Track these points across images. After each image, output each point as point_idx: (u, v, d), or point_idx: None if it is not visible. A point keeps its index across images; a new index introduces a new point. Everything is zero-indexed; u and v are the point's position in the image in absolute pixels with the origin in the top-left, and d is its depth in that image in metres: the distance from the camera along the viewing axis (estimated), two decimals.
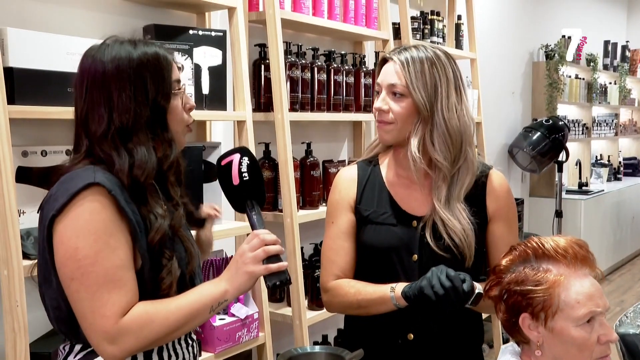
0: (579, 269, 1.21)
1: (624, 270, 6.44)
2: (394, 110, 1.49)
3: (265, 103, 2.49)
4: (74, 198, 1.13)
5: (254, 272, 1.22)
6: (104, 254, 1.13)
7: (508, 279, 1.26)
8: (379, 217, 1.53)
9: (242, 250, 1.24)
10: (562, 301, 1.19)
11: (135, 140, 1.20)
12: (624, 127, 7.55)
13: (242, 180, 1.29)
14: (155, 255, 1.20)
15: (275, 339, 2.48)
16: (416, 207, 1.53)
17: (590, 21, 6.90)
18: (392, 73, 1.49)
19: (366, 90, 2.85)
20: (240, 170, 1.29)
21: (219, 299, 1.22)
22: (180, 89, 1.27)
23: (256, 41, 2.51)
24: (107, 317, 1.12)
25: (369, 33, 2.92)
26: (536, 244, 1.25)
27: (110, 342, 1.13)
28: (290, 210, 2.37)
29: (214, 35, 2.15)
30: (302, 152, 2.60)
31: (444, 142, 1.47)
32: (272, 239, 1.24)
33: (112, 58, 1.20)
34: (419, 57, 1.48)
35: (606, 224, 6.09)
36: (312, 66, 2.58)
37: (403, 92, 1.48)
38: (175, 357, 1.28)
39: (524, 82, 5.49)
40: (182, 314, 1.18)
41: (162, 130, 1.23)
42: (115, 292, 1.13)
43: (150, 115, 1.21)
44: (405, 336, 1.51)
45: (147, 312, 1.16)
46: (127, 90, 1.19)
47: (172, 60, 1.27)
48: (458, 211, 1.48)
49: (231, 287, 1.22)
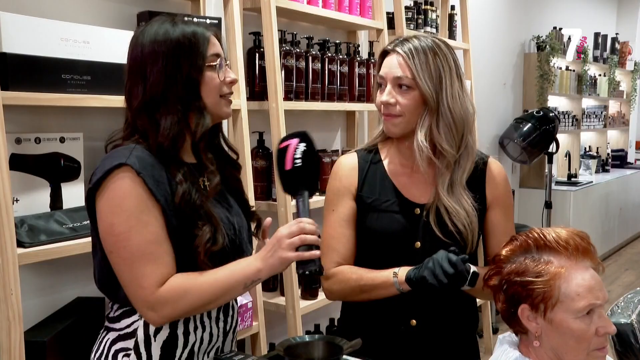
0: (580, 261, 1.21)
1: (611, 260, 6.50)
2: (402, 103, 1.49)
3: (259, 92, 2.47)
4: (108, 175, 1.21)
5: (287, 257, 1.25)
6: (137, 230, 1.20)
7: (508, 269, 1.26)
8: (382, 205, 1.53)
9: (280, 234, 1.26)
10: (563, 293, 1.19)
11: (163, 110, 1.26)
12: (613, 119, 7.60)
13: (295, 166, 1.29)
14: (188, 225, 1.24)
15: (269, 328, 2.48)
16: (419, 195, 1.54)
17: (581, 14, 6.93)
18: (397, 65, 1.48)
19: (360, 80, 2.84)
20: (294, 155, 1.29)
21: (252, 277, 1.27)
22: (218, 62, 1.31)
23: (251, 29, 2.49)
24: (145, 288, 1.21)
25: (363, 22, 2.91)
26: (538, 234, 1.25)
27: (150, 309, 1.23)
28: (284, 200, 2.36)
29: (208, 22, 2.12)
30: None
31: (449, 130, 1.49)
32: (312, 229, 1.26)
33: (150, 37, 1.27)
34: (422, 48, 1.48)
35: (594, 215, 6.14)
36: (307, 55, 2.57)
37: (410, 84, 1.48)
38: (202, 330, 1.33)
39: (515, 74, 5.50)
40: (217, 288, 1.25)
41: (195, 100, 1.28)
42: (149, 265, 1.21)
43: (183, 88, 1.27)
44: (408, 322, 1.52)
45: (182, 284, 1.23)
46: (159, 65, 1.25)
47: (212, 34, 1.32)
48: (462, 197, 1.50)
49: (264, 267, 1.26)
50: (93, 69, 1.72)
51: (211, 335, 1.36)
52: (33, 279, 1.84)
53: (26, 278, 1.77)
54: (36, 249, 1.63)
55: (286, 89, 2.47)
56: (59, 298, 1.90)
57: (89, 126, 1.92)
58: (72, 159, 1.79)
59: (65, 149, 1.78)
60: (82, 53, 1.70)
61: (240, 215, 1.42)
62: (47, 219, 1.69)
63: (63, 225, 1.70)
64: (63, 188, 1.78)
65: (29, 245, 1.61)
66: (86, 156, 1.86)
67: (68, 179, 1.79)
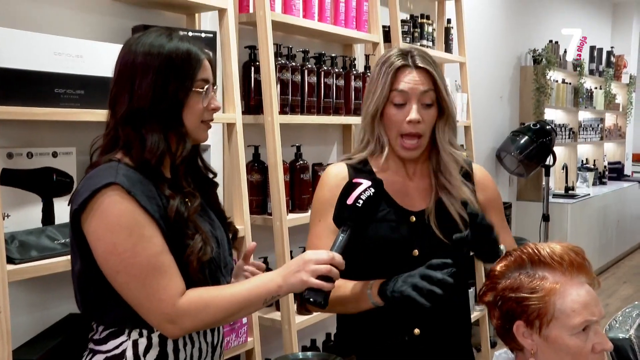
0: (575, 276, 1.20)
1: (609, 274, 6.48)
2: (425, 120, 1.50)
3: (255, 105, 2.46)
4: (95, 195, 1.19)
5: (308, 281, 1.25)
6: (142, 245, 1.19)
7: (503, 285, 1.25)
8: (378, 214, 1.51)
9: (308, 257, 1.27)
10: (558, 309, 1.18)
11: (148, 127, 1.25)
12: (609, 131, 7.61)
13: (355, 204, 1.33)
14: (178, 238, 1.24)
15: (264, 343, 2.45)
16: (413, 204, 1.54)
17: (576, 27, 6.95)
18: (421, 81, 1.49)
19: (356, 93, 2.83)
20: (360, 195, 1.33)
21: (273, 293, 1.27)
22: (205, 88, 1.30)
23: (246, 43, 2.49)
24: (164, 301, 1.20)
25: (359, 36, 2.91)
26: (532, 250, 1.24)
27: (170, 322, 1.22)
28: (280, 214, 2.35)
29: (204, 36, 2.12)
30: (292, 155, 2.58)
31: (455, 135, 1.56)
32: (340, 264, 1.28)
33: (144, 47, 1.26)
34: (433, 60, 1.52)
35: (592, 227, 6.13)
36: (303, 68, 2.56)
37: (433, 99, 1.49)
38: (191, 346, 1.32)
39: (511, 87, 5.51)
40: (237, 301, 1.25)
41: (177, 124, 1.28)
42: (164, 277, 1.21)
43: (167, 107, 1.25)
44: (411, 332, 1.50)
45: (203, 297, 1.23)
46: (148, 79, 1.24)
47: (205, 59, 1.31)
48: (461, 190, 1.52)
49: (285, 285, 1.26)
50: (86, 83, 1.71)
51: (200, 350, 1.35)
52: (23, 295, 1.82)
53: (16, 294, 1.75)
54: (26, 265, 1.61)
55: (282, 102, 2.46)
56: (49, 314, 1.87)
57: (81, 141, 1.90)
58: (64, 173, 1.78)
59: (57, 164, 1.77)
60: (76, 67, 1.69)
61: (221, 228, 1.42)
62: (38, 234, 1.67)
63: (55, 241, 1.69)
64: (55, 203, 1.76)
65: (19, 262, 1.59)
66: (79, 171, 1.85)
67: (60, 193, 1.78)
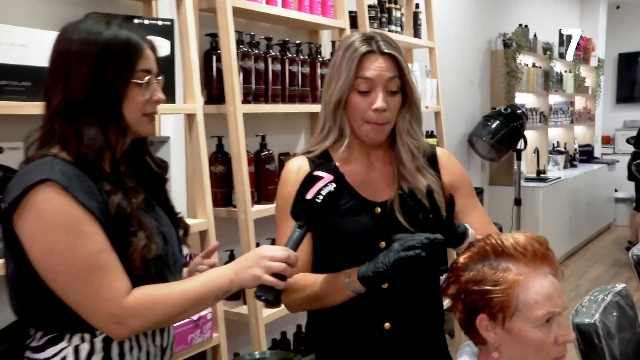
0: (539, 267, 1.17)
1: (579, 255, 6.56)
2: (391, 108, 1.45)
3: (217, 95, 2.40)
4: (27, 192, 1.12)
5: (260, 277, 1.20)
6: (82, 243, 1.13)
7: (466, 277, 1.22)
8: (341, 208, 1.46)
9: (262, 252, 1.23)
10: (521, 302, 1.15)
11: (85, 120, 1.18)
12: (579, 114, 7.67)
13: (314, 199, 1.28)
14: (121, 235, 1.18)
15: (232, 338, 2.41)
16: (377, 194, 1.49)
17: (545, 10, 6.98)
18: (386, 67, 1.44)
19: (323, 81, 2.77)
20: (320, 190, 1.28)
21: (225, 288, 1.22)
22: (146, 79, 1.23)
23: (207, 31, 2.42)
24: (109, 300, 1.14)
25: (325, 22, 2.85)
26: (495, 241, 1.21)
27: (117, 323, 1.15)
28: (245, 206, 2.30)
29: (160, 24, 2.05)
30: (257, 145, 2.52)
31: (418, 123, 1.51)
32: (294, 262, 1.24)
33: (79, 35, 1.19)
34: (397, 45, 1.47)
35: (563, 210, 6.19)
36: (266, 56, 2.50)
37: (398, 86, 1.45)
38: (138, 350, 1.26)
39: (482, 71, 5.50)
40: (187, 298, 1.20)
41: (116, 117, 1.21)
42: (107, 275, 1.14)
43: (104, 99, 1.19)
44: (381, 326, 1.47)
45: (151, 295, 1.18)
46: (83, 69, 1.17)
47: (147, 48, 1.24)
48: (425, 173, 1.49)
49: (237, 279, 1.22)
50: (33, 74, 1.63)
51: (148, 354, 1.29)
52: None
53: None
54: None
55: (245, 91, 2.40)
56: None
57: None
58: (12, 170, 1.69)
59: (4, 160, 1.69)
60: (21, 57, 1.61)
61: (169, 224, 1.35)
62: None
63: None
64: None
65: None
66: None
67: None
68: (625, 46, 8.79)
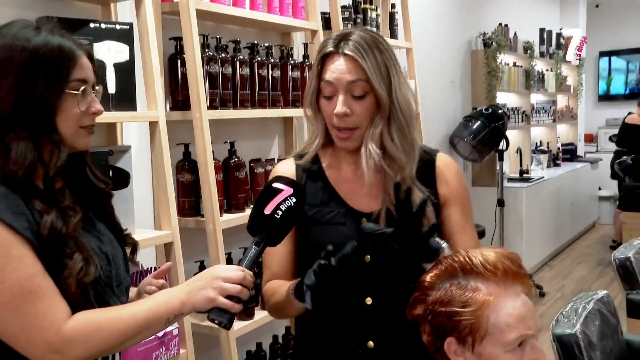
0: (510, 286, 1.09)
1: (564, 255, 6.52)
2: (358, 113, 1.35)
3: (183, 101, 2.30)
4: None
5: (214, 300, 1.13)
6: (12, 267, 1.03)
7: (433, 297, 1.14)
8: (325, 217, 1.40)
9: (217, 273, 1.15)
10: (492, 324, 1.07)
11: (13, 134, 1.09)
12: (561, 113, 7.65)
13: (272, 215, 1.19)
14: (56, 257, 1.09)
15: (202, 353, 2.32)
16: (365, 204, 1.41)
17: (525, 8, 6.94)
18: (348, 69, 1.34)
19: (294, 84, 2.69)
20: (279, 205, 1.20)
21: (176, 312, 1.14)
22: (81, 89, 1.13)
23: (172, 34, 2.32)
24: (46, 328, 1.05)
25: (296, 24, 2.77)
26: (464, 258, 1.13)
27: (56, 352, 1.06)
28: (212, 216, 2.20)
29: (119, 28, 1.95)
30: (226, 152, 2.43)
31: (402, 133, 1.38)
32: (250, 284, 1.17)
33: (6, 42, 1.10)
34: (367, 45, 1.35)
35: (547, 210, 6.15)
36: (234, 60, 2.41)
37: (364, 90, 1.34)
38: None
39: (463, 71, 5.44)
40: (134, 323, 1.11)
41: (48, 131, 1.12)
42: (40, 302, 1.05)
43: (35, 112, 1.10)
44: (365, 345, 1.39)
45: (93, 320, 1.09)
46: (10, 78, 1.08)
47: (82, 56, 1.15)
48: (414, 193, 1.36)
49: (189, 301, 1.13)
50: None
51: None
52: None
53: None
54: None
55: (211, 97, 2.30)
56: None
57: None
58: None
59: None
60: None
61: (113, 243, 1.26)
62: None
63: None
64: None
65: None
66: None
67: None
68: (605, 45, 8.79)
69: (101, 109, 1.19)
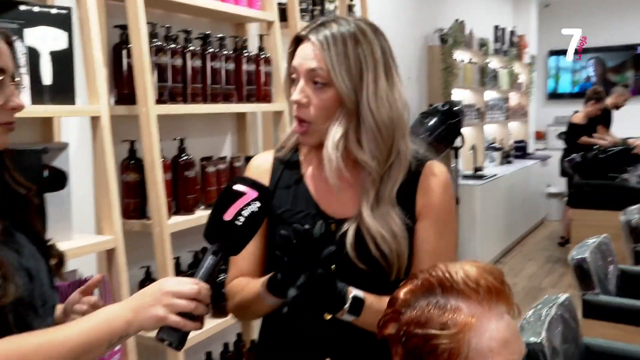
0: (494, 306, 0.98)
1: (515, 252, 6.58)
2: (315, 104, 1.24)
3: (128, 94, 2.12)
4: None
5: (165, 319, 1.00)
6: None
7: (408, 316, 1.02)
8: (293, 217, 1.28)
9: (165, 287, 1.02)
10: (473, 349, 0.96)
11: None
12: (514, 111, 7.72)
13: (233, 222, 1.06)
14: None
15: None
16: (338, 209, 1.28)
17: (480, 5, 6.95)
18: (311, 56, 1.23)
19: (249, 78, 2.54)
20: (241, 211, 1.07)
21: (121, 332, 1.00)
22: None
23: (117, 22, 2.14)
24: None
25: (252, 14, 2.62)
26: (442, 273, 1.01)
27: None
28: (159, 218, 2.04)
29: (55, 12, 1.77)
30: (176, 150, 2.26)
31: (373, 139, 1.23)
32: (206, 298, 1.03)
33: None
34: (340, 35, 1.22)
35: (500, 207, 6.18)
36: (184, 51, 2.24)
37: (325, 80, 1.22)
38: None
39: (419, 67, 5.39)
40: (70, 349, 0.96)
41: None
42: None
43: None
44: None
45: (16, 350, 0.92)
46: None
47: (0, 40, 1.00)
48: (389, 216, 1.24)
49: (135, 320, 1.00)
50: None
51: None
52: None
53: None
54: None
55: (159, 90, 2.13)
56: None
57: None
58: None
59: None
60: None
61: (36, 256, 1.10)
62: None
63: None
64: None
65: None
66: None
67: None
68: (554, 44, 8.91)
69: (22, 104, 1.03)
